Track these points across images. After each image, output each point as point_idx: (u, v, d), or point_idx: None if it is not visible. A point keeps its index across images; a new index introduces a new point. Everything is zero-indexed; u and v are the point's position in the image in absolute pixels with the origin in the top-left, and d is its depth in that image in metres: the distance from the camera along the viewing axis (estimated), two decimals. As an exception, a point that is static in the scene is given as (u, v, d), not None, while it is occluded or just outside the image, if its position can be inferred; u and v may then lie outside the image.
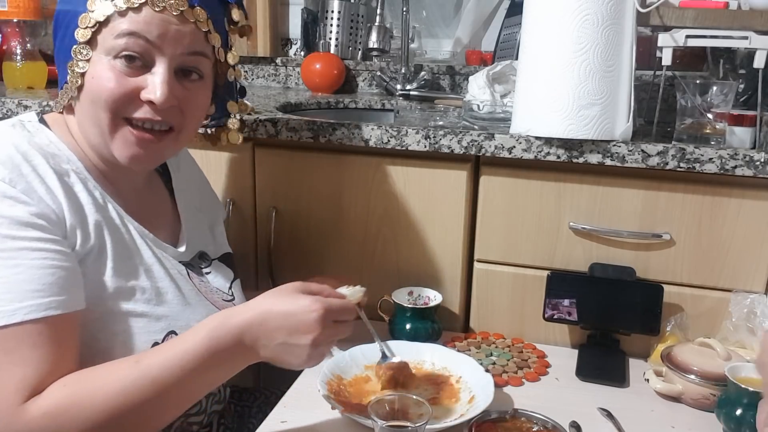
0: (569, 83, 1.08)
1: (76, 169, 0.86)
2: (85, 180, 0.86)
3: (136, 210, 0.93)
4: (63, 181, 0.83)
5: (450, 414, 0.95)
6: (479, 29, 1.96)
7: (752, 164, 1.07)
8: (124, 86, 0.85)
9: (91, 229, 0.84)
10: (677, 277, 1.17)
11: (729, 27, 1.14)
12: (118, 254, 0.86)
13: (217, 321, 0.80)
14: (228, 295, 1.02)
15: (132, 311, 0.85)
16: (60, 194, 0.82)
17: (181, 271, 0.94)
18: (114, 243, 0.86)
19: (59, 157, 0.85)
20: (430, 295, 1.23)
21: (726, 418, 0.92)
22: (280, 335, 0.80)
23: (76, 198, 0.84)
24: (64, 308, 0.77)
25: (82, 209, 0.84)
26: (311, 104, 1.68)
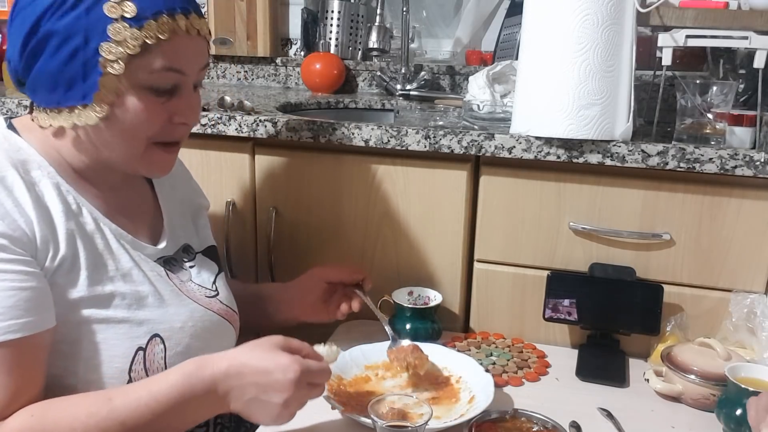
0: (569, 83, 1.08)
1: (48, 174, 0.84)
2: (58, 185, 0.85)
3: (115, 209, 0.91)
4: (32, 191, 0.81)
5: (450, 414, 0.95)
6: (479, 29, 1.96)
7: (752, 164, 1.07)
8: (160, 117, 0.85)
9: (62, 239, 0.82)
10: (677, 277, 1.17)
11: (729, 27, 1.13)
12: (93, 262, 0.85)
13: (192, 367, 0.80)
14: (212, 291, 1.00)
15: (112, 318, 0.84)
16: (29, 206, 0.80)
17: (159, 273, 0.92)
18: (87, 251, 0.85)
19: (29, 164, 0.83)
20: (430, 295, 1.23)
21: (726, 418, 0.92)
22: (254, 391, 0.79)
23: (46, 208, 0.82)
24: (26, 330, 0.76)
25: (52, 220, 0.82)
26: (311, 104, 1.68)
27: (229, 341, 1.01)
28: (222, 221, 1.35)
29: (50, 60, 0.79)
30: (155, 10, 0.80)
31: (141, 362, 0.86)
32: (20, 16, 0.80)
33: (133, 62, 0.80)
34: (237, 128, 1.28)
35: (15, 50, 0.82)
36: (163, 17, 0.80)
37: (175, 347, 0.89)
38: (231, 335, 1.01)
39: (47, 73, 0.80)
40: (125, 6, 0.78)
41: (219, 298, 1.00)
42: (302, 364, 0.80)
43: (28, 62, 0.81)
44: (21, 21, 0.80)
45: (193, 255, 1.02)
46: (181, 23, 0.82)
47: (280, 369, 0.79)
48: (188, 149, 1.30)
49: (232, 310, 1.02)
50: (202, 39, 0.86)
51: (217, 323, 0.97)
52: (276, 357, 0.80)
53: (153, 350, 0.87)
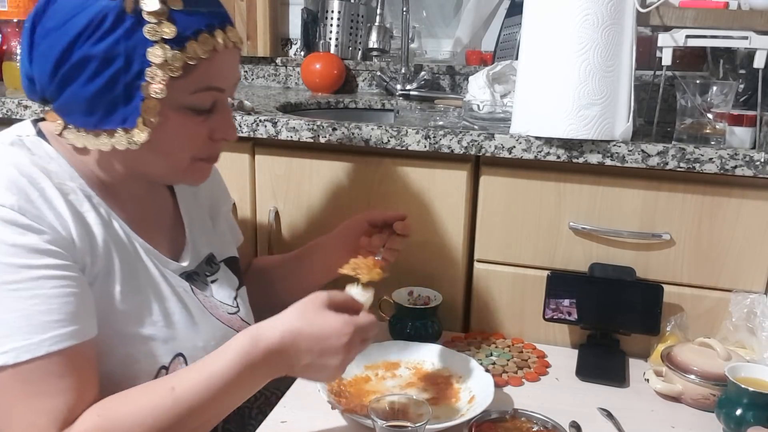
0: (569, 83, 1.08)
1: (80, 185, 0.83)
2: (90, 196, 0.83)
3: (138, 221, 0.90)
4: (69, 201, 0.80)
5: (450, 414, 0.95)
6: (479, 29, 1.96)
7: (752, 164, 1.07)
8: (201, 135, 0.85)
9: (100, 250, 0.81)
10: (677, 277, 1.17)
11: (729, 27, 1.13)
12: (126, 275, 0.84)
13: (247, 343, 0.79)
14: (233, 307, 0.99)
15: (138, 335, 0.84)
16: (68, 217, 0.79)
17: (185, 288, 0.92)
18: (122, 263, 0.84)
19: (62, 175, 0.82)
20: (430, 295, 1.23)
21: (726, 418, 0.92)
22: (309, 357, 0.80)
23: (84, 218, 0.81)
24: (84, 336, 0.76)
25: (91, 230, 0.81)
26: (311, 104, 1.68)
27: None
28: (222, 221, 1.35)
29: (88, 85, 0.77)
30: (195, 29, 0.78)
31: None
32: (49, 38, 0.77)
33: (174, 84, 0.78)
34: (237, 128, 1.28)
35: (44, 73, 0.79)
36: (204, 35, 0.79)
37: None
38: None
39: (84, 98, 0.78)
40: (165, 27, 0.76)
41: (239, 315, 0.99)
42: (355, 325, 0.80)
43: (61, 86, 0.78)
44: (50, 44, 0.77)
45: (216, 267, 1.01)
46: (220, 39, 0.80)
47: (334, 334, 0.79)
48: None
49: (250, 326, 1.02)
50: (237, 50, 0.86)
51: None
52: (327, 320, 0.80)
53: (175, 369, 0.86)
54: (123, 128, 0.79)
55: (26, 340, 0.72)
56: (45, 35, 0.78)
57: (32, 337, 0.72)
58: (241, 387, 0.80)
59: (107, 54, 0.76)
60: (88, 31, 0.75)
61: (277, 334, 0.79)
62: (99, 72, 0.76)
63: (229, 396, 0.79)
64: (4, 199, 0.74)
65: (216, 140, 0.87)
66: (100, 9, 0.75)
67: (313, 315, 0.81)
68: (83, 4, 0.76)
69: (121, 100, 0.78)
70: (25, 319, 0.73)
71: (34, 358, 0.72)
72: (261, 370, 0.80)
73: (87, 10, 0.75)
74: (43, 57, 0.78)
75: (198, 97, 0.82)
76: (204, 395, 0.77)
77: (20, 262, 0.73)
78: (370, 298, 0.89)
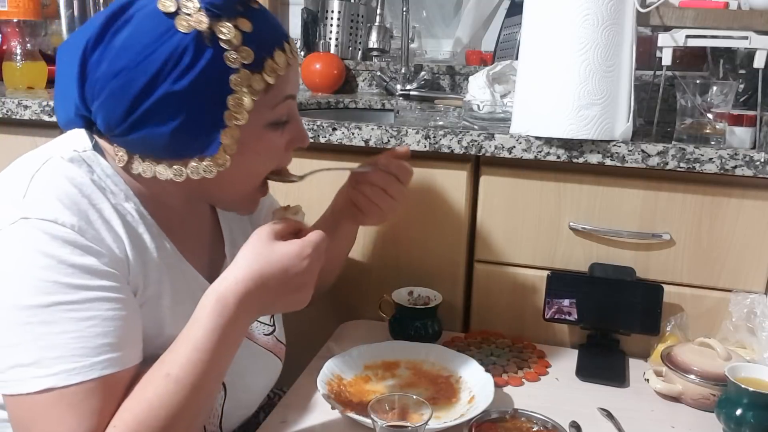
0: (569, 83, 1.08)
1: (135, 205, 0.81)
2: (143, 216, 0.81)
3: (184, 239, 0.87)
4: (126, 223, 0.78)
5: (450, 414, 0.95)
6: (479, 29, 1.96)
7: (752, 164, 1.07)
8: (281, 148, 0.84)
9: (154, 273, 0.81)
10: (677, 277, 1.17)
11: (729, 27, 1.14)
12: (176, 299, 0.83)
13: (217, 304, 0.76)
14: (269, 326, 0.98)
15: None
16: (125, 240, 0.77)
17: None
18: (173, 287, 0.83)
19: (118, 195, 0.79)
20: (430, 295, 1.23)
21: (726, 418, 0.92)
22: (281, 291, 0.78)
23: (141, 241, 0.80)
24: (131, 362, 0.75)
25: (146, 252, 0.80)
26: (311, 104, 1.68)
27: (275, 376, 1.00)
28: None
29: (169, 122, 0.74)
30: (269, 48, 0.77)
31: None
32: (120, 78, 0.74)
33: (256, 105, 0.77)
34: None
35: (113, 112, 0.75)
36: (277, 51, 0.78)
37: (232, 393, 0.89)
38: (278, 371, 1.01)
39: (163, 134, 0.75)
40: (243, 52, 0.75)
41: (275, 335, 0.99)
42: (308, 246, 0.78)
43: (137, 125, 0.75)
44: (123, 84, 0.74)
45: None
46: (289, 52, 0.80)
47: (295, 260, 0.77)
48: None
49: (283, 344, 1.01)
50: (297, 58, 0.85)
51: (271, 363, 0.97)
52: (284, 251, 0.77)
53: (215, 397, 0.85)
54: (199, 157, 0.77)
55: (77, 363, 0.71)
56: (113, 76, 0.74)
57: (84, 359, 0.71)
58: (228, 345, 0.78)
59: (191, 89, 0.73)
60: (167, 68, 0.73)
61: (241, 283, 0.76)
62: (181, 109, 0.74)
63: (223, 357, 0.78)
64: (64, 218, 0.73)
65: (289, 150, 0.86)
66: (176, 44, 0.73)
67: (267, 252, 0.77)
68: (157, 41, 0.73)
69: (203, 131, 0.76)
70: (78, 341, 0.71)
71: (83, 381, 0.71)
72: (239, 322, 0.77)
73: (163, 47, 0.73)
74: (112, 98, 0.75)
75: (278, 111, 0.81)
76: (199, 368, 0.75)
77: (78, 282, 0.72)
78: (302, 215, 0.87)
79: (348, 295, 1.23)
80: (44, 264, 0.71)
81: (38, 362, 0.70)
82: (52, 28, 1.86)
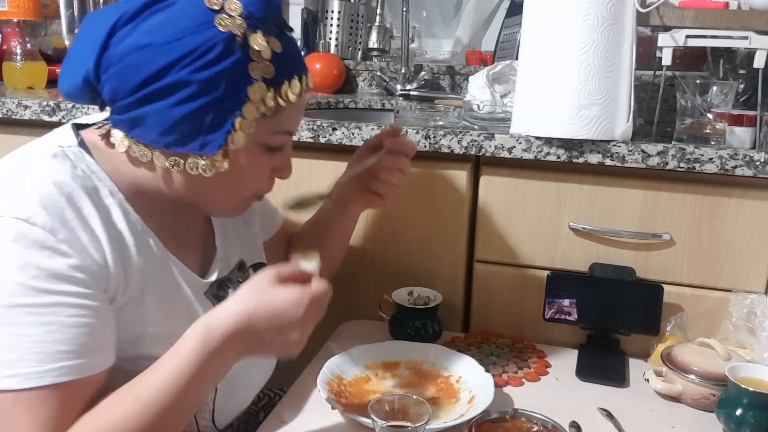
0: (569, 83, 1.08)
1: (118, 200, 0.81)
2: (127, 212, 0.81)
3: (173, 234, 0.88)
4: (107, 221, 0.78)
5: (450, 414, 0.95)
6: (479, 29, 1.96)
7: (752, 164, 1.07)
8: (266, 173, 0.87)
9: (135, 273, 0.80)
10: (677, 277, 1.17)
11: (729, 27, 1.14)
12: (160, 298, 0.83)
13: (203, 334, 0.76)
14: None
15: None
16: (104, 239, 0.77)
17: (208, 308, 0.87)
18: (156, 286, 0.83)
19: (101, 192, 0.80)
20: (430, 295, 1.23)
21: (726, 418, 0.92)
22: (269, 336, 0.78)
23: (122, 240, 0.79)
24: (94, 369, 0.75)
25: (127, 252, 0.80)
26: (311, 104, 1.68)
27: (266, 366, 1.01)
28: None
29: (176, 107, 0.76)
30: (289, 73, 0.80)
31: None
32: (143, 53, 0.75)
33: (261, 122, 0.80)
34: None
35: (124, 84, 0.76)
36: (294, 79, 0.81)
37: (222, 388, 0.89)
38: (271, 364, 1.01)
39: (166, 118, 0.76)
40: (268, 67, 0.78)
41: None
42: (309, 295, 0.78)
43: (143, 101, 0.76)
44: (144, 59, 0.75)
45: (247, 273, 0.99)
46: (303, 84, 0.83)
47: (290, 307, 0.77)
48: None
49: None
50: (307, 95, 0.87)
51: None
52: (281, 295, 0.77)
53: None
54: (198, 154, 0.79)
55: (32, 368, 0.71)
56: (136, 49, 0.75)
57: (39, 365, 0.71)
58: (205, 379, 0.78)
59: (208, 83, 0.75)
60: (192, 56, 0.74)
61: (231, 319, 0.76)
62: (193, 98, 0.76)
63: (196, 389, 0.77)
64: (37, 218, 0.72)
65: (272, 177, 0.89)
66: (209, 37, 0.75)
67: (264, 293, 0.78)
68: (192, 29, 0.75)
69: (205, 128, 0.77)
70: (36, 345, 0.71)
71: (37, 387, 0.71)
72: (221, 357, 0.77)
73: (195, 36, 0.75)
74: (128, 69, 0.75)
75: (275, 138, 0.83)
76: (170, 396, 0.75)
77: (42, 286, 0.71)
78: (316, 264, 0.86)
79: (348, 295, 1.23)
80: (11, 264, 0.71)
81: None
82: (52, 28, 1.86)
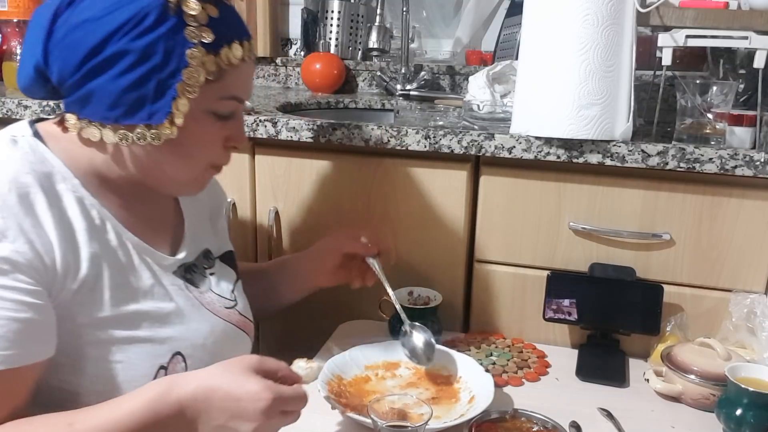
0: (569, 83, 1.08)
1: (72, 187, 0.82)
2: (81, 199, 0.82)
3: (140, 219, 0.89)
4: (55, 208, 0.79)
5: (450, 414, 0.95)
6: (479, 29, 1.96)
7: (752, 164, 1.07)
8: (219, 143, 0.87)
9: (85, 259, 0.80)
10: (677, 277, 1.17)
11: (729, 27, 1.13)
12: (116, 282, 0.83)
13: (158, 390, 0.76)
14: (231, 301, 0.99)
15: (135, 337, 0.83)
16: (50, 226, 0.77)
17: (180, 286, 0.91)
18: (111, 270, 0.83)
19: (54, 177, 0.81)
20: (430, 295, 1.23)
21: (726, 418, 0.92)
22: (222, 417, 0.76)
23: (69, 227, 0.80)
24: (21, 362, 0.73)
25: (75, 240, 0.80)
26: (311, 104, 1.68)
27: (244, 352, 0.99)
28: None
29: (119, 79, 0.77)
30: (228, 38, 0.82)
31: None
32: (81, 29, 0.77)
33: (205, 88, 0.81)
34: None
35: (67, 63, 0.78)
36: (235, 44, 0.82)
37: (195, 364, 0.88)
38: (247, 346, 1.00)
39: (111, 91, 0.78)
40: (204, 32, 0.79)
41: (237, 309, 0.99)
42: (274, 392, 0.76)
43: (86, 77, 0.78)
44: (82, 35, 0.77)
45: (212, 261, 1.00)
46: (246, 50, 0.84)
47: (250, 397, 0.75)
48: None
49: (248, 319, 1.01)
50: (254, 63, 0.89)
51: (236, 335, 0.97)
52: (247, 382, 0.76)
53: (174, 369, 0.85)
54: (146, 124, 0.80)
55: None
56: (76, 27, 0.77)
57: None
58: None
59: (146, 50, 0.77)
60: (128, 26, 0.76)
61: (192, 386, 0.76)
62: (133, 67, 0.77)
63: None
64: None
65: (228, 147, 0.89)
66: (143, 6, 0.77)
67: (233, 374, 0.77)
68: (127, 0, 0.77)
69: (150, 96, 0.79)
70: None
71: None
72: (168, 422, 0.76)
73: (129, 6, 0.77)
74: (70, 47, 0.78)
75: (223, 104, 0.85)
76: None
77: None
78: (311, 372, 0.84)
79: (348, 295, 1.22)
80: None
81: None
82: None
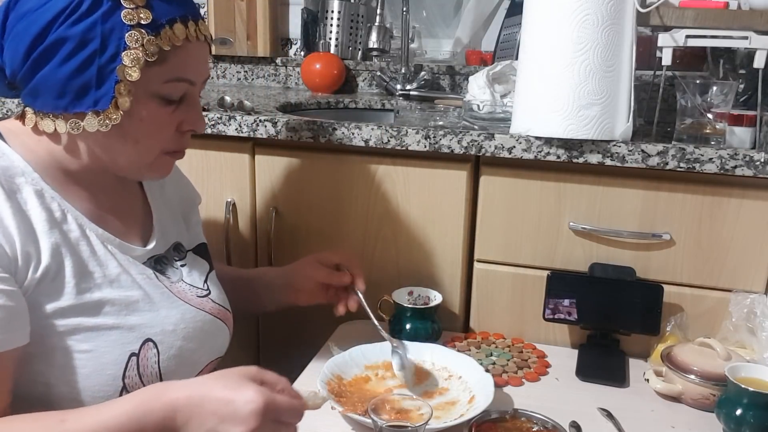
0: (569, 83, 1.08)
1: (32, 180, 0.83)
2: (41, 192, 0.83)
3: (105, 210, 0.90)
4: (13, 200, 0.80)
5: (450, 414, 0.95)
6: (479, 29, 1.96)
7: (752, 164, 1.07)
8: (170, 126, 0.87)
9: (45, 250, 0.81)
10: (677, 277, 1.17)
11: (729, 27, 1.13)
12: (78, 271, 0.83)
13: (151, 393, 0.76)
14: (203, 290, 0.99)
15: (101, 325, 0.83)
16: (8, 218, 0.78)
17: (149, 275, 0.91)
18: (73, 261, 0.83)
19: (11, 171, 0.82)
20: (430, 295, 1.23)
21: (726, 418, 0.92)
22: (212, 421, 0.74)
23: (28, 219, 0.81)
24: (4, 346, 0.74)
25: (34, 231, 0.81)
26: (311, 104, 1.68)
27: (223, 340, 1.00)
28: (222, 221, 1.35)
29: (61, 66, 0.79)
30: (169, 18, 0.81)
31: (135, 368, 0.85)
32: (24, 21, 0.79)
33: (148, 71, 0.81)
34: (237, 128, 1.28)
35: (16, 55, 0.80)
36: (177, 24, 0.82)
37: (167, 351, 0.89)
38: (225, 334, 1.00)
39: (56, 80, 0.79)
40: (142, 13, 0.79)
41: (211, 297, 0.99)
42: (268, 398, 0.74)
43: (34, 68, 0.80)
44: (25, 26, 0.79)
45: (183, 254, 1.01)
46: (192, 29, 0.83)
47: (243, 400, 0.73)
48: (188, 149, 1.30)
49: (225, 308, 1.01)
50: (207, 45, 0.88)
51: (210, 323, 0.96)
52: (241, 387, 0.75)
53: (146, 355, 0.86)
54: (93, 111, 0.81)
55: None
56: (20, 18, 0.79)
57: None
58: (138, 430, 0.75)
59: (83, 36, 0.78)
60: (65, 13, 0.77)
61: (185, 390, 0.76)
62: (73, 54, 0.78)
63: None
64: None
65: (184, 132, 0.89)
66: None
67: (228, 381, 0.76)
68: None
69: (93, 82, 0.79)
70: None
71: None
72: (158, 426, 0.75)
73: None
74: (17, 39, 0.80)
75: (169, 87, 0.84)
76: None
77: None
78: (316, 399, 0.82)
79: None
80: None
81: None
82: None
